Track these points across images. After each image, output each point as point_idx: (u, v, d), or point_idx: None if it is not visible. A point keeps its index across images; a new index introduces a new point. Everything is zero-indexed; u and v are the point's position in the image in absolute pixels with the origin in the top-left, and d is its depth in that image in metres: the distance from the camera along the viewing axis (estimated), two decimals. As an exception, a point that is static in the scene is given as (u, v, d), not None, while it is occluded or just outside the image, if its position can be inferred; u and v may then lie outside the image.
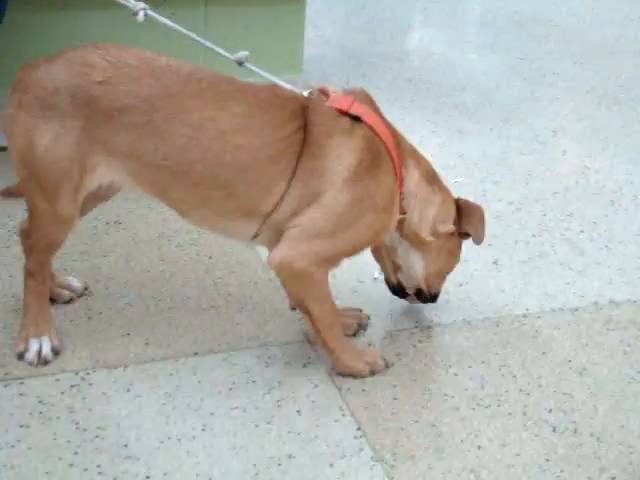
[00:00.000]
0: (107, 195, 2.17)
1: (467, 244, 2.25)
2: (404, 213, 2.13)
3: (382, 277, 2.38)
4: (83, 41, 2.43)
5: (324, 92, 2.07)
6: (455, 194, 2.24)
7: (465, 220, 2.22)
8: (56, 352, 2.14)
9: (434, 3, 4.82)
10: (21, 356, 2.11)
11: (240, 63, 2.16)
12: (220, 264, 2.54)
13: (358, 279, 2.50)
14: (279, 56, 3.14)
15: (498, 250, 2.71)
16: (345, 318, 2.27)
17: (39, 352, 2.11)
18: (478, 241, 2.24)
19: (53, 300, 2.29)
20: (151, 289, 2.42)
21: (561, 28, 4.48)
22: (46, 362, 2.11)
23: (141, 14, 2.16)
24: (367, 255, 2.39)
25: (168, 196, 2.04)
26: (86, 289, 2.37)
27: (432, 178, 2.19)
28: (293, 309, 2.34)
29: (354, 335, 2.29)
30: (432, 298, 2.35)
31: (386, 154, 2.06)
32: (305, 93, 2.07)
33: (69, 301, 2.32)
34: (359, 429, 1.99)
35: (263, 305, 2.39)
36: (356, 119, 2.03)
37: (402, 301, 2.41)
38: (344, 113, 2.02)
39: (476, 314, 2.42)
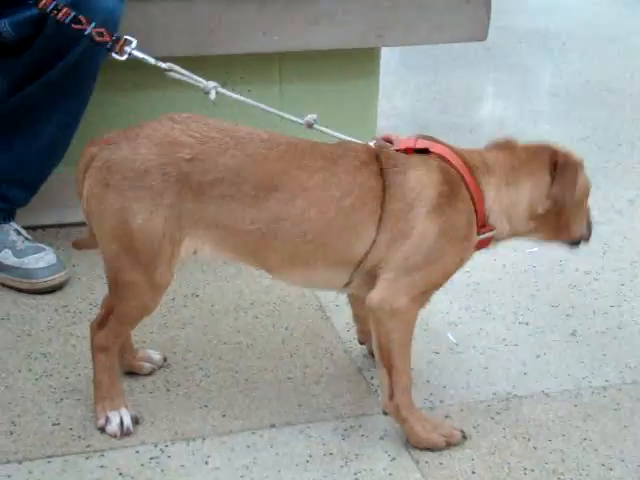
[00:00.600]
0: None
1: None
2: (492, 230, 2.14)
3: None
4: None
5: (388, 140, 2.14)
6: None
7: (556, 181, 2.13)
8: (136, 422, 2.16)
9: (505, 74, 4.84)
10: (103, 429, 2.14)
11: (310, 125, 2.22)
12: (296, 335, 2.55)
13: (433, 350, 2.49)
14: (353, 128, 3.16)
15: (576, 320, 2.67)
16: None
17: (121, 424, 2.13)
18: (563, 202, 2.14)
19: (135, 373, 2.33)
20: (228, 361, 2.43)
21: (634, 96, 4.46)
22: (129, 433, 2.14)
23: (213, 92, 2.24)
24: (440, 325, 2.39)
25: (255, 258, 2.08)
26: (165, 360, 2.40)
27: (508, 169, 2.14)
28: (362, 343, 2.40)
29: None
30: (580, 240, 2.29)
31: (460, 180, 2.09)
32: (371, 143, 2.13)
33: (149, 373, 2.35)
34: (437, 503, 1.97)
35: (339, 376, 2.39)
36: (424, 152, 2.09)
37: (478, 372, 2.40)
38: (412, 151, 2.08)
39: (555, 386, 2.38)
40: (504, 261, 2.96)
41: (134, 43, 2.28)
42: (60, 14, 2.28)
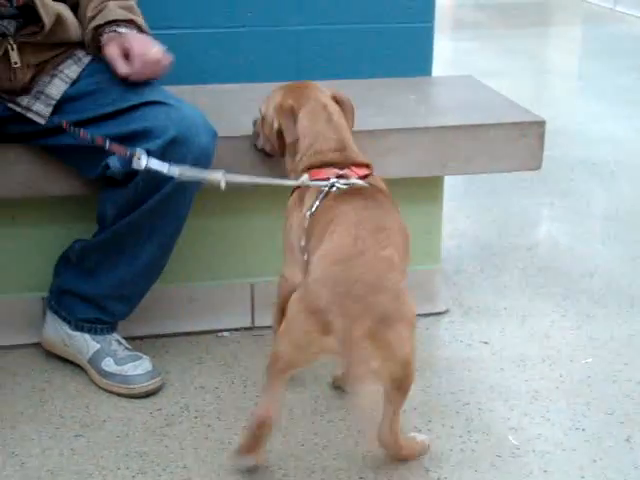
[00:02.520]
0: None
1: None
2: None
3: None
4: (249, 241, 2.57)
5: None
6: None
7: None
8: None
9: (561, 199, 4.83)
10: None
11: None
12: (367, 438, 2.53)
13: (496, 454, 2.45)
14: (419, 248, 3.20)
15: (630, 428, 2.61)
16: None
17: None
18: None
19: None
20: (306, 461, 2.43)
21: (680, 219, 4.43)
22: None
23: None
24: (502, 430, 2.36)
25: None
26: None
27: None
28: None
29: None
30: None
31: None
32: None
33: (233, 471, 2.36)
34: None
35: (408, 476, 2.37)
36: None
37: (538, 475, 2.36)
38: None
39: (611, 489, 2.33)
40: (561, 371, 2.92)
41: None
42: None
